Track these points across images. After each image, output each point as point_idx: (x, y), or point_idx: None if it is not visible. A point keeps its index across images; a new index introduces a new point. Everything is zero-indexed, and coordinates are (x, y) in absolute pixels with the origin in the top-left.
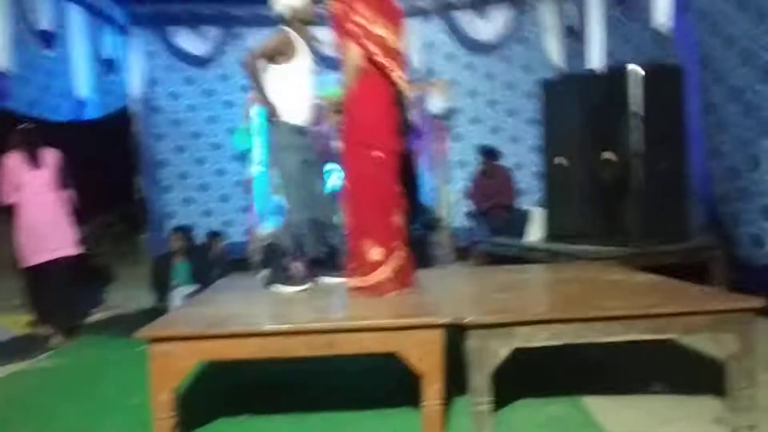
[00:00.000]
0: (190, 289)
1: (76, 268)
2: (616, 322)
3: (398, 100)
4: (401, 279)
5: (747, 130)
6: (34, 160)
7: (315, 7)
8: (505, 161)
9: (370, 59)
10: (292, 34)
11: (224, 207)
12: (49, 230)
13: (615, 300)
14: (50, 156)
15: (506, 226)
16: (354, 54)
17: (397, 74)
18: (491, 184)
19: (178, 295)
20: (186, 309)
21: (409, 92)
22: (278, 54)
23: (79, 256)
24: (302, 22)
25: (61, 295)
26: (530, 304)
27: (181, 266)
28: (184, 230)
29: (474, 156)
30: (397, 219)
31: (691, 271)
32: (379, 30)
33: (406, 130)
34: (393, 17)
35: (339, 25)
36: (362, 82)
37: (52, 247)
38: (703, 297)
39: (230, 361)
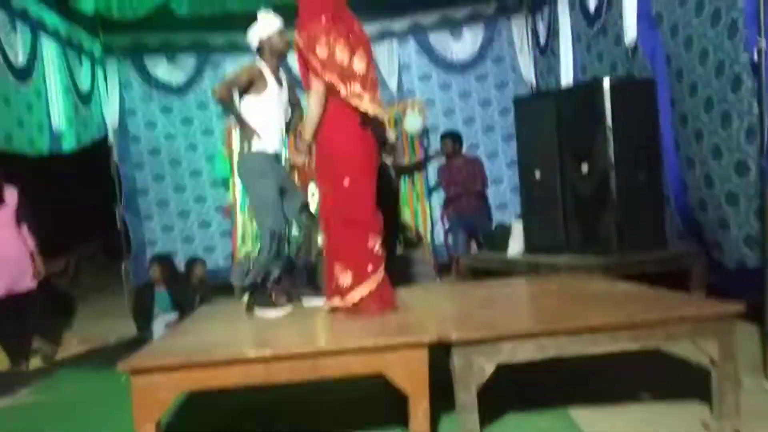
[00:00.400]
0: (171, 317)
1: (45, 299)
2: (600, 334)
3: (368, 123)
4: (382, 299)
5: (726, 139)
6: None
7: (285, 37)
8: None
9: (333, 90)
10: (263, 66)
11: (205, 233)
12: (12, 265)
13: (597, 311)
14: (9, 193)
15: (479, 219)
16: (317, 87)
17: (365, 98)
18: (459, 168)
19: (160, 324)
20: (168, 339)
21: (382, 114)
22: (249, 86)
23: (45, 288)
24: (273, 53)
25: (33, 326)
26: (514, 318)
27: (162, 295)
28: (164, 258)
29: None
30: (374, 242)
31: (673, 278)
32: (342, 57)
33: (384, 148)
34: (358, 42)
35: (301, 57)
36: (327, 113)
37: (16, 281)
38: (682, 304)
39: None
